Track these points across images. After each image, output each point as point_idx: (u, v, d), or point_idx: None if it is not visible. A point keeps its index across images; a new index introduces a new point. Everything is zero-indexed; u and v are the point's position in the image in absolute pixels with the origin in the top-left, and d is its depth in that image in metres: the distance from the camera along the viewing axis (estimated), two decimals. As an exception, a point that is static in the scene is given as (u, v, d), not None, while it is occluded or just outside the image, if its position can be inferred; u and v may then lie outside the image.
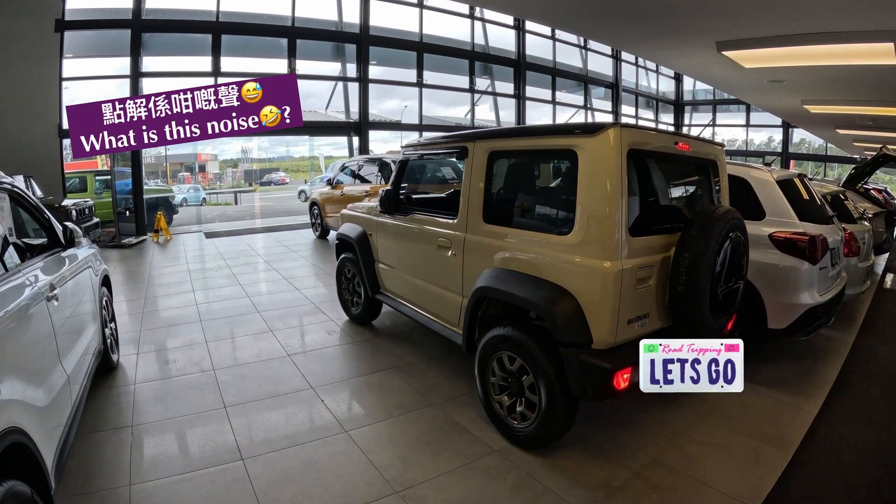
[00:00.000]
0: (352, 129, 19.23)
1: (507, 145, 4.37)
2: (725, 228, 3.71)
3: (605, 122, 3.56)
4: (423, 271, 5.11)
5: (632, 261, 3.45)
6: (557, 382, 3.53)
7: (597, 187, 3.44)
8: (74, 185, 16.23)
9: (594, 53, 27.35)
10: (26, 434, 2.30)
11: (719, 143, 4.75)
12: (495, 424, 4.07)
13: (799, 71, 10.69)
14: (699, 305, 3.65)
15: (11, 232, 3.36)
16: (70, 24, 14.43)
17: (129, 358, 5.57)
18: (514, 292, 3.81)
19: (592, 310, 3.43)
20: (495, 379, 4.02)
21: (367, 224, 6.05)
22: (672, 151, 4.00)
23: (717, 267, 3.71)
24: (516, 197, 4.37)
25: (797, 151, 33.24)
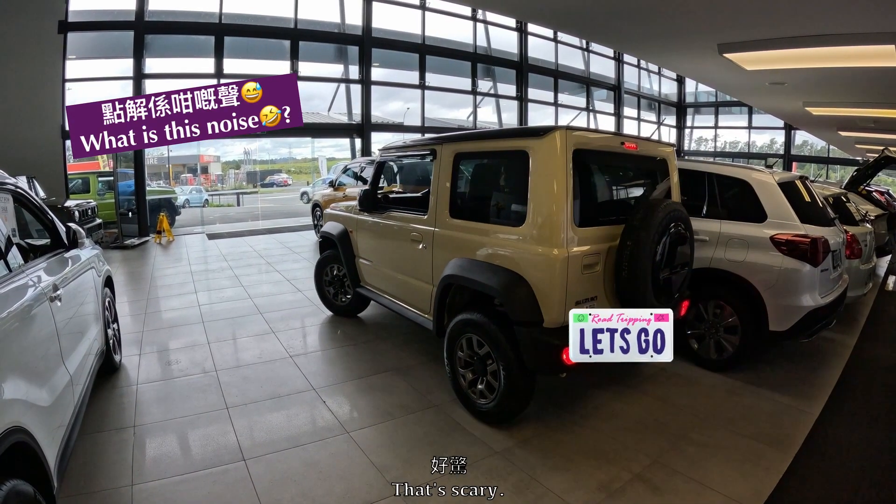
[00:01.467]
0: (354, 130, 19.25)
1: (469, 147, 4.81)
2: (666, 220, 4.12)
3: (553, 126, 3.98)
4: (398, 264, 5.52)
5: (578, 249, 3.88)
6: (515, 360, 3.94)
7: (545, 183, 3.87)
8: (77, 187, 16.24)
9: (596, 55, 27.36)
10: (29, 434, 2.30)
11: (669, 143, 5.20)
12: (461, 400, 4.46)
13: (801, 73, 10.69)
14: (643, 289, 4.05)
15: (15, 233, 3.37)
16: (73, 25, 14.44)
17: (132, 359, 5.59)
18: (476, 278, 4.23)
19: (543, 292, 3.84)
20: (462, 354, 4.41)
21: (347, 222, 6.44)
22: (619, 151, 4.46)
23: (658, 255, 4.11)
24: (478, 193, 4.91)
25: (799, 153, 33.19)
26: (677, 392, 4.76)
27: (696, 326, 5.38)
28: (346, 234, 6.44)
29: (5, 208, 3.30)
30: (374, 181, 6.05)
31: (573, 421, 4.24)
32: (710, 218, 5.40)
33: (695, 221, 5.34)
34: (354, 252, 6.35)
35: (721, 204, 5.41)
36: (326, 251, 7.00)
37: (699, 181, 5.63)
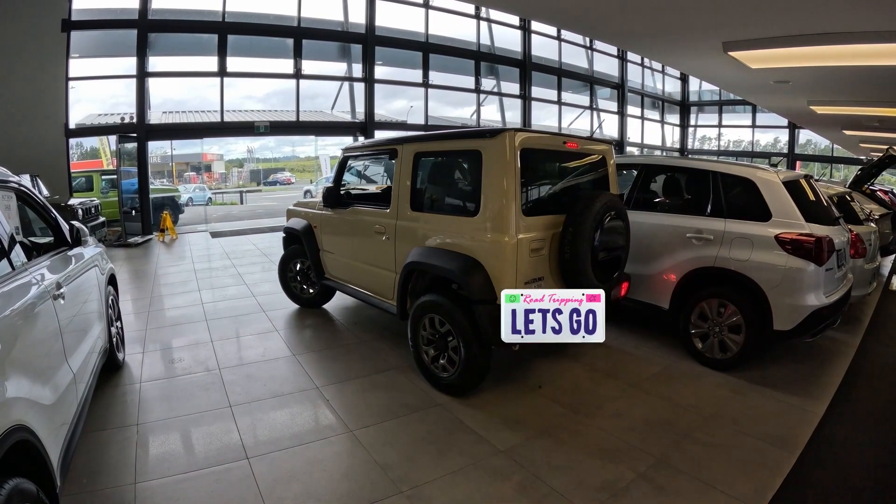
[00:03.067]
0: (357, 129, 19.24)
1: (428, 147, 5.31)
2: (602, 210, 4.64)
3: (503, 128, 4.50)
4: (362, 255, 5.94)
5: (526, 235, 4.40)
6: (473, 335, 4.40)
7: (496, 179, 4.39)
8: (81, 185, 16.26)
9: (600, 54, 27.33)
10: (32, 432, 2.30)
11: (607, 141, 5.72)
12: (424, 375, 4.95)
13: (805, 71, 10.65)
14: (584, 269, 4.57)
15: (18, 231, 3.37)
16: (76, 24, 14.46)
17: (135, 357, 5.59)
18: (437, 264, 4.70)
19: (495, 273, 4.35)
20: (425, 333, 4.86)
21: (311, 218, 6.84)
22: (561, 149, 5.07)
23: (596, 241, 4.60)
24: (436, 188, 5.33)
25: (803, 152, 33.14)
26: (681, 391, 4.75)
27: (700, 325, 5.36)
28: (310, 230, 6.83)
29: (8, 206, 3.30)
30: (336, 179, 6.43)
31: (577, 420, 4.23)
32: (715, 217, 5.38)
33: (700, 220, 5.36)
34: (319, 246, 6.74)
35: (725, 203, 5.39)
36: (290, 247, 7.35)
37: (703, 180, 5.62)
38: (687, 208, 5.77)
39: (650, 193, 6.26)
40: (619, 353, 5.69)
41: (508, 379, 5.04)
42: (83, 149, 20.29)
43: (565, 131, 25.33)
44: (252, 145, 41.98)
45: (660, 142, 33.15)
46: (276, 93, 19.22)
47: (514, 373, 5.17)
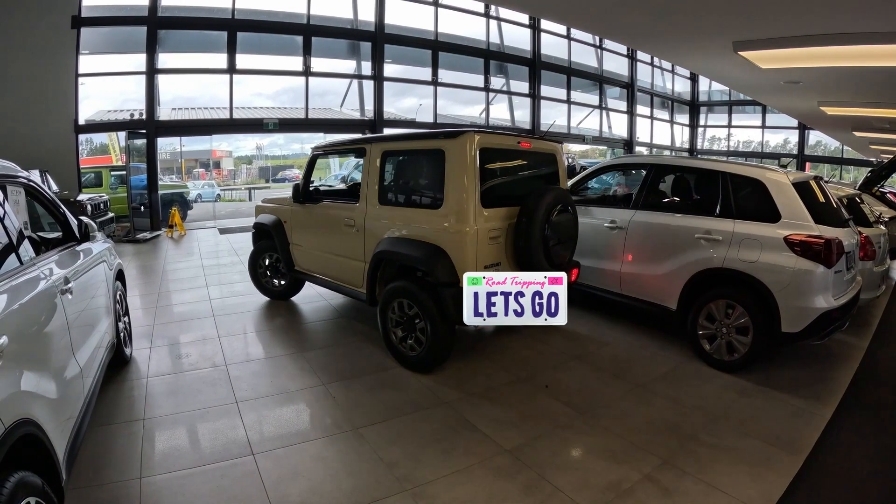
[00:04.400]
0: (367, 126, 19.24)
1: (396, 147, 5.81)
2: (553, 202, 5.16)
3: (464, 129, 4.97)
4: (332, 247, 6.28)
5: (485, 225, 4.90)
6: (438, 315, 4.86)
7: (457, 175, 4.89)
8: (90, 180, 16.34)
9: (610, 53, 27.28)
10: (39, 426, 2.31)
11: (557, 140, 6.21)
12: (393, 354, 5.40)
13: (816, 72, 10.60)
14: (537, 255, 5.07)
15: (27, 226, 3.38)
16: (86, 20, 14.52)
17: (142, 352, 5.61)
18: (405, 252, 5.17)
19: (458, 259, 4.82)
20: (393, 316, 5.29)
21: (281, 213, 7.10)
22: (516, 148, 5.57)
23: (547, 230, 5.08)
24: (403, 184, 5.83)
25: (813, 153, 33.00)
26: (688, 392, 4.73)
27: (707, 326, 5.35)
28: (280, 224, 7.09)
29: (17, 201, 3.32)
30: (306, 176, 6.79)
31: (583, 420, 4.22)
32: (724, 217, 5.36)
33: (708, 221, 5.34)
34: (289, 240, 7.00)
35: (735, 203, 5.36)
36: (260, 241, 7.63)
37: (713, 180, 5.60)
38: (696, 209, 5.75)
39: (659, 193, 6.25)
40: (626, 353, 5.68)
41: (515, 379, 5.03)
42: (92, 145, 20.38)
43: (574, 131, 25.36)
44: (261, 142, 42.02)
45: (669, 142, 33.07)
46: (286, 90, 19.29)
47: (520, 373, 5.16)
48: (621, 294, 6.25)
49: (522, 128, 23.88)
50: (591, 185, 7.50)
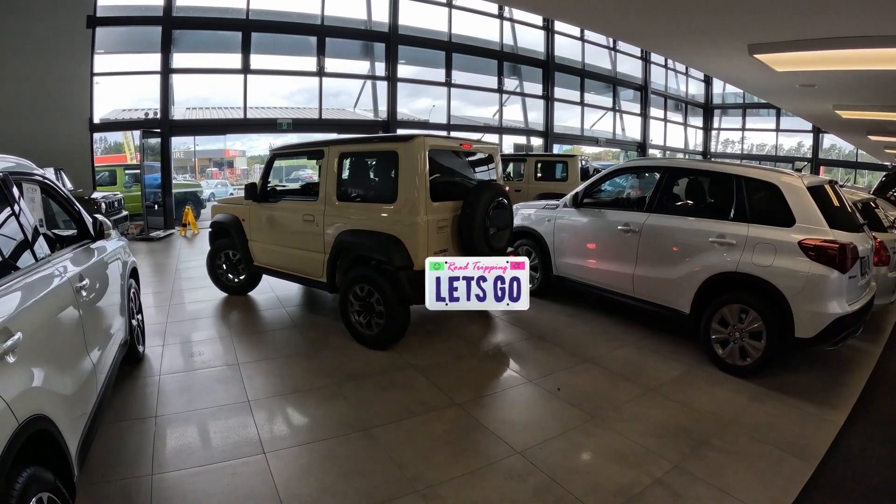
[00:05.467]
0: (380, 127, 19.28)
1: (352, 149, 6.38)
2: (491, 195, 5.87)
3: (415, 134, 5.67)
4: (292, 241, 6.72)
5: (433, 216, 5.58)
6: (393, 297, 5.50)
7: (409, 173, 5.55)
8: (104, 179, 16.46)
9: (623, 55, 27.24)
10: (52, 422, 2.33)
11: (493, 143, 7.25)
12: (352, 334, 5.95)
13: (832, 75, 10.51)
14: (478, 241, 5.76)
15: (42, 223, 3.41)
16: (101, 20, 14.63)
17: (155, 349, 5.64)
18: (364, 242, 5.80)
19: (411, 246, 5.49)
20: (353, 301, 5.85)
21: (239, 212, 7.43)
22: (459, 150, 6.32)
23: (487, 220, 5.78)
24: (359, 181, 6.46)
25: (827, 157, 32.79)
26: (700, 397, 4.71)
27: (720, 331, 5.32)
28: (238, 223, 7.41)
29: (33, 199, 3.34)
30: (264, 175, 7.21)
31: (594, 423, 4.21)
32: (738, 221, 5.32)
33: (723, 224, 5.32)
34: (247, 237, 7.32)
35: (749, 207, 5.32)
36: (218, 240, 7.86)
37: (727, 184, 5.56)
38: (710, 212, 5.72)
39: (673, 197, 6.22)
40: (638, 356, 5.65)
41: (526, 381, 5.03)
42: (107, 143, 20.50)
43: (588, 133, 25.33)
44: (274, 142, 42.12)
45: (682, 144, 32.96)
46: (300, 90, 19.34)
47: (532, 375, 5.16)
48: (634, 297, 6.22)
49: (536, 129, 23.86)
50: (605, 188, 7.47)
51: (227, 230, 7.55)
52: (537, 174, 14.74)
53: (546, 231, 7.40)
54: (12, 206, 2.82)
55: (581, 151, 25.05)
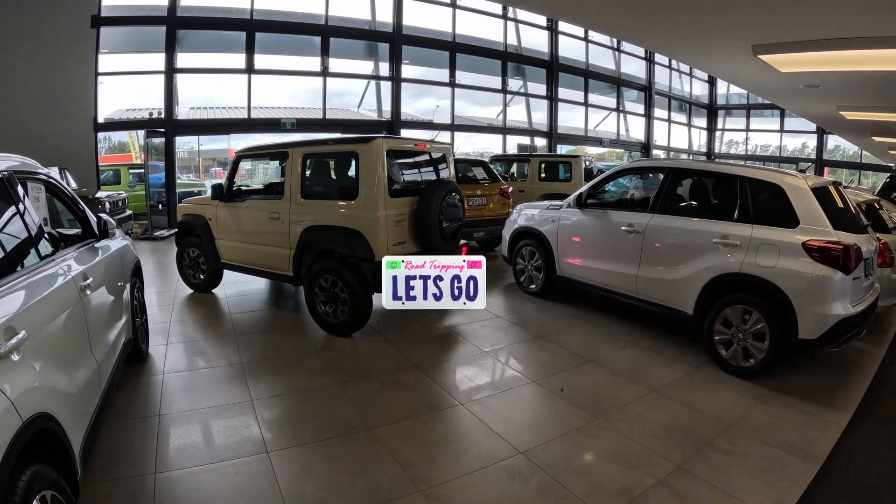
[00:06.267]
0: (384, 127, 19.29)
1: (315, 150, 6.79)
2: (444, 191, 6.31)
3: (374, 136, 6.11)
4: (259, 238, 7.02)
5: (392, 211, 5.98)
6: (357, 286, 5.89)
7: (369, 172, 5.97)
8: (108, 178, 16.48)
9: (627, 56, 27.20)
10: (55, 420, 2.33)
11: (446, 143, 7.74)
12: (317, 322, 6.32)
13: (836, 76, 10.48)
14: (433, 234, 6.19)
15: (47, 222, 3.41)
16: (106, 20, 14.66)
17: (159, 348, 5.65)
18: (327, 237, 6.18)
19: (372, 239, 5.87)
20: (318, 291, 6.20)
21: (206, 212, 7.68)
22: (415, 150, 6.99)
23: (440, 214, 6.21)
24: (322, 180, 6.88)
25: (831, 158, 32.71)
26: (703, 398, 4.70)
27: (724, 332, 5.31)
28: (205, 222, 7.66)
29: (38, 198, 3.35)
30: (230, 176, 7.52)
31: (597, 424, 4.20)
32: (742, 222, 5.31)
33: (726, 225, 5.31)
34: (214, 235, 7.58)
35: (753, 208, 5.31)
36: (185, 239, 8.09)
37: (731, 185, 5.55)
38: (713, 213, 5.71)
39: (676, 197, 6.21)
40: (642, 357, 5.65)
41: (529, 381, 5.03)
42: (111, 143, 20.52)
43: (592, 133, 25.32)
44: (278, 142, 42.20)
45: (686, 145, 32.91)
46: (304, 90, 19.33)
47: (535, 375, 5.16)
48: (637, 297, 6.22)
49: (540, 130, 23.84)
50: (609, 189, 7.46)
51: (193, 229, 7.82)
52: (541, 175, 14.72)
53: (549, 231, 7.41)
54: (17, 204, 2.82)
55: (585, 152, 25.03)
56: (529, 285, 7.90)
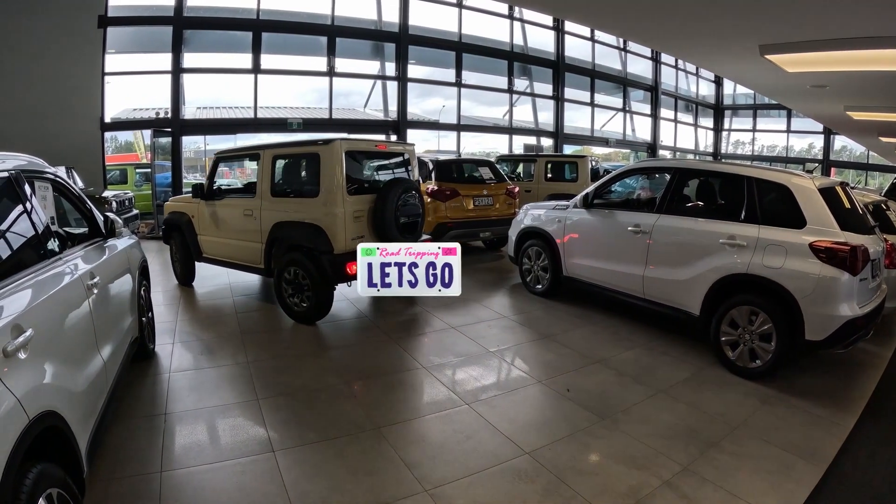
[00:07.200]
0: (390, 127, 19.31)
1: (282, 152, 7.23)
2: (401, 189, 6.70)
3: (333, 138, 6.54)
4: (234, 234, 7.51)
5: (349, 208, 6.39)
6: (319, 278, 6.32)
7: (329, 172, 6.39)
8: (115, 177, 16.54)
9: (634, 56, 27.19)
10: (62, 418, 2.34)
11: (411, 143, 8.24)
12: (284, 310, 6.80)
13: (843, 76, 10.44)
14: (390, 229, 6.57)
15: (54, 221, 3.42)
16: (113, 20, 14.74)
17: (165, 347, 5.67)
18: (293, 231, 6.61)
19: (331, 233, 6.31)
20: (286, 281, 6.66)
21: (188, 210, 8.25)
22: (375, 150, 7.48)
23: (396, 210, 6.60)
24: (289, 180, 7.31)
25: (838, 159, 32.58)
26: (710, 399, 4.69)
27: (730, 333, 5.29)
28: (188, 220, 8.22)
29: (45, 197, 3.36)
30: (210, 176, 7.96)
31: (603, 425, 4.20)
32: (749, 223, 5.29)
33: (733, 226, 5.30)
34: (196, 231, 8.14)
35: (760, 209, 5.29)
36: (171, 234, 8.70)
37: (738, 185, 5.53)
38: (720, 213, 5.70)
39: (683, 198, 6.19)
40: (648, 358, 5.63)
41: (535, 381, 5.02)
42: (118, 142, 20.58)
43: (598, 133, 25.30)
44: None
45: (693, 145, 32.85)
46: (311, 90, 19.38)
47: (541, 375, 5.15)
48: (644, 298, 6.21)
49: (546, 130, 23.83)
50: (615, 189, 7.45)
51: (178, 226, 8.36)
52: (547, 175, 14.68)
53: (556, 231, 7.40)
54: (24, 203, 2.84)
55: (591, 152, 25.00)
56: (535, 285, 7.90)
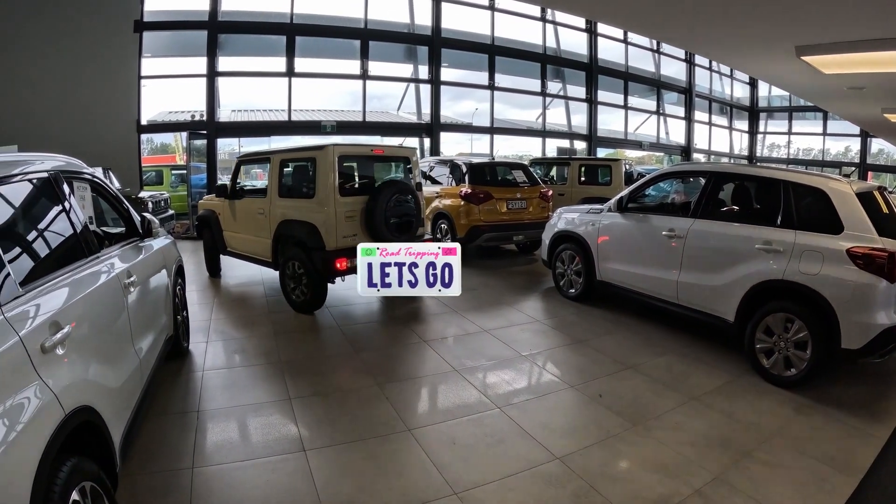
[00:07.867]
0: (423, 130, 19.38)
1: (287, 156, 7.76)
2: (392, 191, 6.98)
3: (328, 143, 6.96)
4: (249, 230, 8.16)
5: (342, 208, 6.79)
6: (314, 272, 6.80)
7: (324, 175, 6.81)
8: (151, 178, 16.80)
9: (667, 57, 26.93)
10: (97, 413, 2.39)
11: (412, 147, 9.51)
12: (288, 302, 7.25)
13: (881, 77, 10.26)
14: (381, 229, 6.83)
15: (92, 220, 3.49)
16: (148, 24, 15.05)
17: (199, 345, 5.76)
18: (293, 229, 7.13)
19: (324, 231, 6.75)
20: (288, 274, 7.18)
21: (216, 208, 9.04)
22: (370, 154, 7.87)
23: (386, 211, 6.86)
24: (292, 182, 7.75)
25: (875, 162, 31.91)
26: (743, 407, 4.61)
27: (765, 340, 5.20)
28: (215, 217, 9.00)
29: (83, 196, 3.42)
30: (234, 177, 8.63)
31: (635, 431, 4.15)
32: (785, 228, 5.21)
33: (769, 231, 5.22)
34: (222, 227, 8.91)
35: (796, 213, 5.20)
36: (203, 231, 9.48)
37: (774, 189, 5.44)
38: (756, 218, 5.61)
39: (718, 202, 6.11)
40: (681, 364, 5.56)
41: (568, 386, 4.99)
42: (154, 144, 20.94)
43: (631, 136, 25.14)
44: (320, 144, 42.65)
45: (727, 149, 32.45)
46: (344, 93, 19.53)
47: (573, 380, 5.12)
48: (678, 304, 6.13)
49: (579, 133, 23.73)
50: (650, 193, 7.38)
51: (208, 223, 9.18)
52: (581, 178, 14.60)
53: (590, 235, 7.35)
54: (63, 203, 2.89)
55: (624, 155, 24.85)
56: (569, 289, 7.85)
